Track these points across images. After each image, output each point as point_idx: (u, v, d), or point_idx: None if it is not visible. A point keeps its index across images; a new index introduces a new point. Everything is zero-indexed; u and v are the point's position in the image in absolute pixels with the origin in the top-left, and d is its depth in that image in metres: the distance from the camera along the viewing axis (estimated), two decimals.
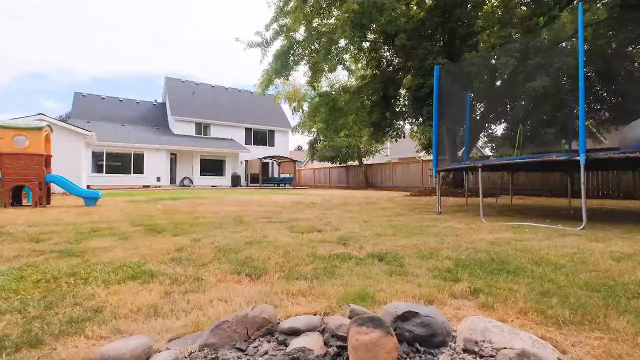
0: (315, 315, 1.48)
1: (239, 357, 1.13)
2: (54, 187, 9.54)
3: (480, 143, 17.47)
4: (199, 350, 1.17)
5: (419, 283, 1.96)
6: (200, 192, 16.14)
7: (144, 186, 22.20)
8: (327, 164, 27.92)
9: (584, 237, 3.59)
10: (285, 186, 27.51)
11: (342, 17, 10.87)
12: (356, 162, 25.44)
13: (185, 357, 1.13)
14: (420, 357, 1.15)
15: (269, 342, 1.23)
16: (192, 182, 25.10)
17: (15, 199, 7.32)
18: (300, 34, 13.29)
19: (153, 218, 5.26)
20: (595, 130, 13.71)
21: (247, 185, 28.12)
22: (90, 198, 7.53)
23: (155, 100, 32.72)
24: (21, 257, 2.59)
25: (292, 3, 12.37)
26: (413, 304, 1.36)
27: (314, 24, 12.86)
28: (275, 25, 13.17)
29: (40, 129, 7.18)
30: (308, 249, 2.91)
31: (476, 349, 1.14)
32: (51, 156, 7.77)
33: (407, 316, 1.27)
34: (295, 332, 1.28)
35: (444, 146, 11.85)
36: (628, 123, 6.06)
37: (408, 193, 14.80)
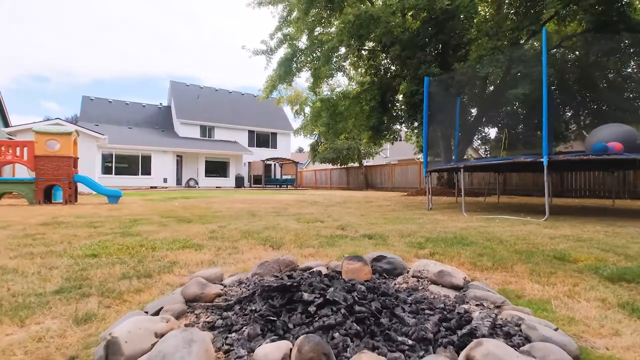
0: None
1: (276, 279, 1.88)
2: None
3: (475, 145, 18.19)
4: (251, 277, 1.94)
5: (395, 249, 2.72)
6: (207, 192, 16.93)
7: (151, 187, 23.00)
8: (328, 166, 28.68)
9: (541, 225, 4.34)
10: (287, 187, 28.30)
11: (339, 27, 11.70)
12: (356, 164, 26.20)
13: (244, 279, 1.89)
14: (386, 279, 1.91)
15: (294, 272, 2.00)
16: (197, 183, 25.91)
17: (46, 197, 8.09)
18: (302, 42, 14.13)
19: (176, 212, 6.02)
20: (585, 133, 14.45)
21: (250, 186, 28.92)
22: (113, 196, 8.30)
23: (161, 104, 33.59)
24: (93, 237, 3.36)
25: (295, 13, 13.19)
26: (384, 252, 2.13)
27: (316, 33, 13.69)
28: (279, 34, 14.01)
29: (69, 133, 7.97)
30: (313, 232, 3.67)
31: (419, 275, 1.91)
32: (78, 158, 8.56)
33: (379, 258, 2.04)
34: (309, 269, 2.03)
35: (439, 148, 12.61)
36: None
37: (406, 193, 15.57)
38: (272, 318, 1.24)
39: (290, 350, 1.02)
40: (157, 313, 1.34)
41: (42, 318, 1.45)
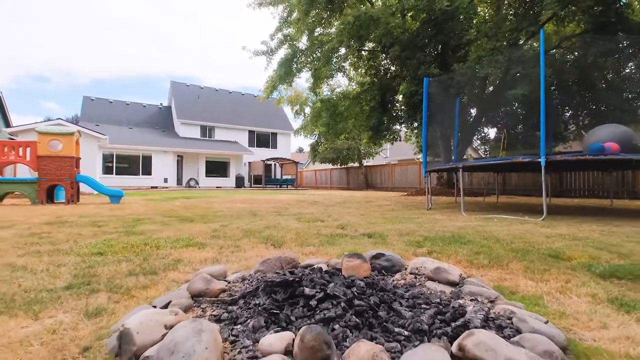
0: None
1: (278, 275, 1.94)
2: None
3: (475, 145, 18.25)
4: (254, 273, 2.00)
5: (394, 248, 2.78)
6: (207, 192, 16.99)
7: (152, 187, 23.05)
8: (328, 166, 28.73)
9: (538, 225, 4.40)
10: (287, 187, 28.36)
11: (339, 28, 11.77)
12: (356, 164, 26.27)
13: (247, 275, 1.95)
14: (384, 276, 1.97)
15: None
16: (197, 183, 25.97)
17: (49, 197, 8.15)
18: (303, 42, 14.20)
19: (178, 212, 6.08)
20: (584, 133, 14.50)
21: (251, 186, 28.98)
22: (115, 196, 8.36)
23: (161, 104, 33.67)
24: (98, 236, 3.42)
25: (295, 14, 13.26)
26: (383, 250, 2.19)
27: (316, 33, 13.75)
28: (279, 35, 14.08)
29: (72, 134, 8.03)
30: (314, 231, 3.74)
31: (416, 271, 1.97)
32: (80, 158, 8.62)
33: (377, 256, 2.10)
34: (310, 266, 2.09)
35: (439, 149, 12.67)
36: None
37: (405, 193, 15.63)
38: (275, 311, 1.30)
39: (293, 340, 1.08)
40: (165, 307, 1.41)
41: (55, 312, 1.51)
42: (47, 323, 1.39)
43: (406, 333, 1.15)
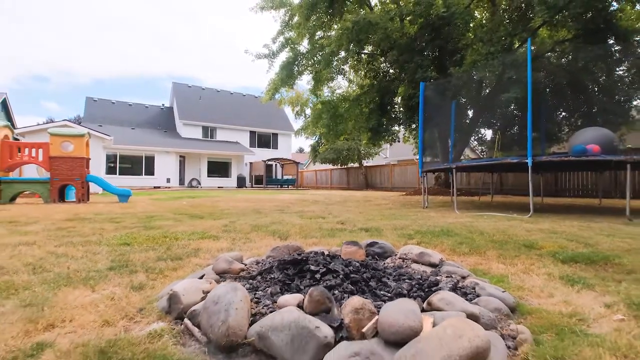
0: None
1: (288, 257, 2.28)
2: None
3: (473, 145, 18.56)
4: (266, 258, 2.34)
5: (387, 239, 3.12)
6: (210, 192, 17.34)
7: (154, 187, 23.40)
8: (329, 166, 29.08)
9: (523, 221, 4.74)
10: (288, 187, 28.71)
11: (338, 32, 12.13)
12: (356, 164, 26.61)
13: (261, 260, 2.30)
14: (377, 260, 2.32)
15: None
16: (199, 183, 26.33)
17: (60, 196, 8.50)
18: (304, 46, 14.56)
19: (186, 210, 6.43)
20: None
21: (252, 187, 29.33)
22: (124, 195, 8.71)
23: (163, 105, 34.03)
24: (119, 230, 3.76)
25: (296, 18, 13.61)
26: (377, 239, 2.53)
27: (317, 37, 14.11)
28: (281, 38, 14.44)
29: (82, 135, 8.38)
30: (316, 226, 4.08)
31: (404, 256, 2.31)
32: (90, 159, 8.96)
33: (372, 244, 2.44)
34: (314, 252, 2.44)
35: (437, 149, 13.02)
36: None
37: (404, 193, 15.97)
38: (287, 282, 1.65)
39: (303, 299, 1.42)
40: (200, 279, 1.75)
41: (106, 286, 1.86)
42: (104, 293, 1.74)
43: (389, 295, 1.49)
